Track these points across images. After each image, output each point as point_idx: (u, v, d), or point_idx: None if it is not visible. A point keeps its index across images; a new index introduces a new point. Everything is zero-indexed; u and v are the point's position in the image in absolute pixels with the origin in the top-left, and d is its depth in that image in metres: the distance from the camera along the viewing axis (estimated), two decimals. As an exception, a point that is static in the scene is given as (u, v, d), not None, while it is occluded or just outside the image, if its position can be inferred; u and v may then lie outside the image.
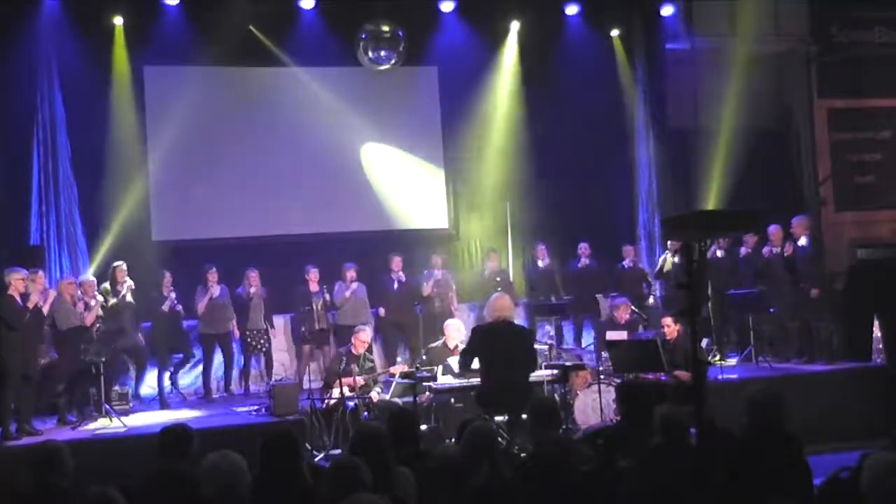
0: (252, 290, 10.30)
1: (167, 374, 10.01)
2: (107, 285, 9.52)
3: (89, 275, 9.82)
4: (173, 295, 9.93)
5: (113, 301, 9.31)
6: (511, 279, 11.39)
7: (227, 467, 3.66)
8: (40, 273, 8.55)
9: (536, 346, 8.34)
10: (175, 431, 4.61)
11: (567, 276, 11.45)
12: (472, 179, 12.30)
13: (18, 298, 7.99)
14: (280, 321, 10.89)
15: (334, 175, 11.89)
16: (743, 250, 10.65)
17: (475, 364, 7.31)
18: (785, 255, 10.07)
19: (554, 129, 12.00)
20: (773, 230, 10.30)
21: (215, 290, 10.12)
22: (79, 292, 8.97)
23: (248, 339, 10.25)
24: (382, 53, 11.16)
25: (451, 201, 12.35)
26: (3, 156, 10.33)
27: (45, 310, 8.28)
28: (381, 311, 10.85)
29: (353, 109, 11.90)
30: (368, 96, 12.03)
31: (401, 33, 11.18)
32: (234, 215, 11.47)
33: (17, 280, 8.01)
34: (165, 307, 9.82)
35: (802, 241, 10.08)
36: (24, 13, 10.23)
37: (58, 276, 9.77)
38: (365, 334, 8.98)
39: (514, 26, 12.16)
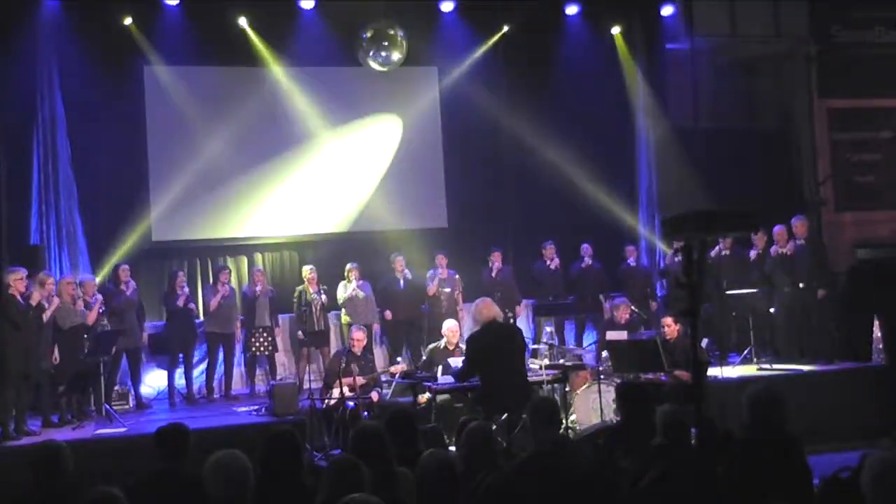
0: (258, 288, 10.30)
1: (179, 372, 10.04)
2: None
3: (89, 274, 9.87)
4: (186, 289, 9.98)
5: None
6: (512, 278, 11.37)
7: (233, 466, 3.66)
8: (51, 277, 8.58)
9: (537, 346, 8.34)
10: (171, 431, 4.60)
11: (570, 277, 11.45)
12: (473, 179, 12.29)
13: (20, 298, 7.99)
14: (279, 321, 10.87)
15: (334, 175, 11.88)
16: (753, 252, 10.58)
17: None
18: (787, 254, 10.07)
19: (554, 129, 11.99)
20: (778, 230, 10.28)
21: (226, 289, 10.14)
22: (79, 291, 8.98)
23: (253, 339, 10.23)
24: (383, 54, 11.15)
25: (450, 201, 12.34)
26: (3, 156, 10.33)
27: (46, 316, 8.27)
28: (388, 314, 10.84)
29: (353, 109, 11.90)
30: (368, 96, 12.03)
31: (401, 33, 11.18)
32: (233, 216, 11.46)
33: (16, 280, 8.01)
34: (180, 302, 9.85)
35: (802, 241, 10.08)
36: (24, 13, 10.23)
37: (58, 276, 9.76)
38: (360, 333, 8.97)
39: (505, 28, 12.14)
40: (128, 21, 10.76)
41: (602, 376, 8.37)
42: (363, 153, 12.02)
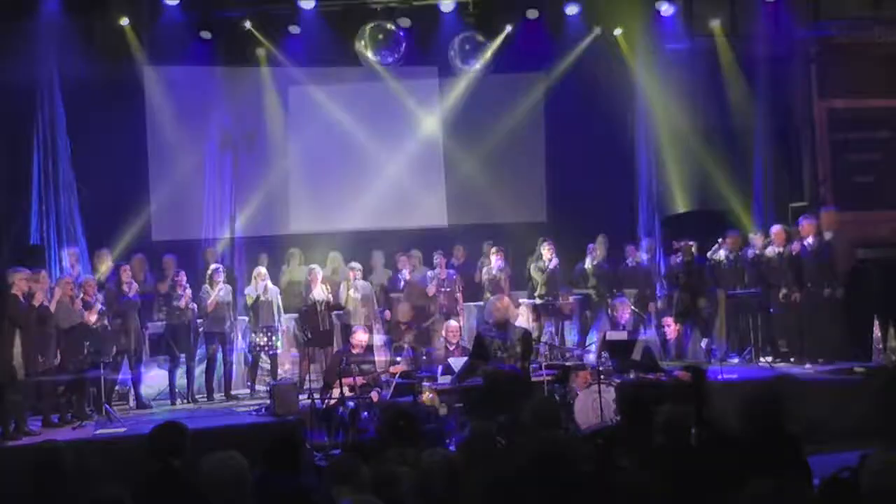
0: (262, 286, 10.28)
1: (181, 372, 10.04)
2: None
3: (89, 274, 9.87)
4: (189, 290, 9.95)
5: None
6: (511, 277, 11.36)
7: (229, 467, 3.65)
8: (43, 272, 8.57)
9: (537, 345, 8.34)
10: (167, 430, 4.56)
11: (575, 276, 11.44)
12: (472, 178, 12.29)
13: (22, 298, 7.98)
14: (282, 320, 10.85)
15: (333, 174, 11.89)
16: (751, 252, 10.57)
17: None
18: (793, 254, 10.05)
19: (554, 129, 11.99)
20: (776, 230, 10.27)
21: (221, 288, 10.12)
22: (77, 291, 8.97)
23: (258, 339, 10.20)
24: (383, 53, 11.15)
25: (450, 200, 12.34)
26: (3, 156, 10.33)
27: (52, 307, 8.28)
28: (388, 313, 10.82)
29: (353, 109, 11.90)
30: (368, 96, 12.03)
31: (402, 33, 11.18)
32: (233, 215, 11.46)
33: (20, 280, 7.99)
34: (182, 302, 9.84)
35: (810, 241, 10.06)
36: (25, 13, 10.23)
37: (58, 276, 9.76)
38: (361, 334, 8.96)
39: (507, 28, 12.13)
40: (127, 21, 10.76)
41: (602, 376, 8.37)
42: (363, 152, 12.02)
